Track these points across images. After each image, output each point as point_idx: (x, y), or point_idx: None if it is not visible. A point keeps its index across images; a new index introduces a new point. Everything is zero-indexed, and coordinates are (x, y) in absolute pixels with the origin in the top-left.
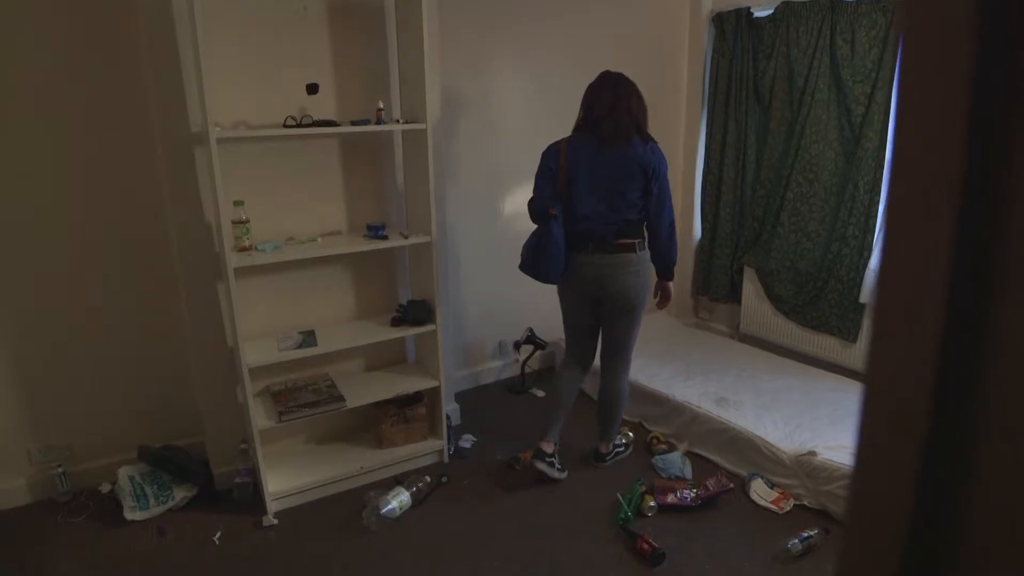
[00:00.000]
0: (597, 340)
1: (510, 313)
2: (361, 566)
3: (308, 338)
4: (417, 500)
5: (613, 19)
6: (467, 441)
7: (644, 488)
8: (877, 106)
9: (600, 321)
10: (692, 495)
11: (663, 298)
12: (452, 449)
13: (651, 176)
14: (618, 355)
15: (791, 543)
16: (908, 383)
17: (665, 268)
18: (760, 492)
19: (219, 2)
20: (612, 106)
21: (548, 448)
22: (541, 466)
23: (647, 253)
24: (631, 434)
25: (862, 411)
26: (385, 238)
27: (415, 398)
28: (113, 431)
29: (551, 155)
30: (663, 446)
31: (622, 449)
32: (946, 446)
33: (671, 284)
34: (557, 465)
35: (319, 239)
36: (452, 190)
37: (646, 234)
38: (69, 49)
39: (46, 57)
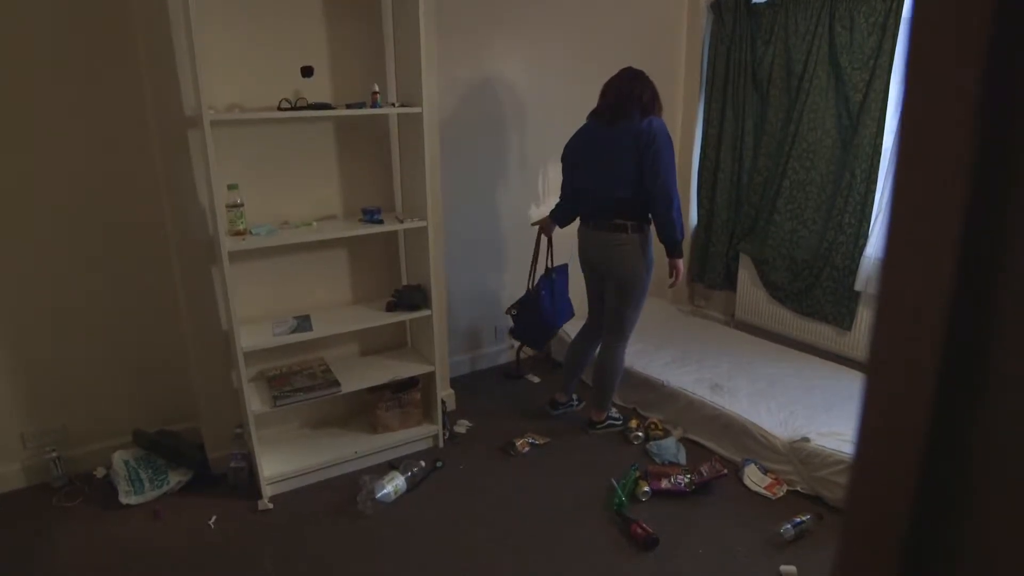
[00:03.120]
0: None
1: (506, 299)
2: (356, 550)
3: (303, 323)
4: (412, 485)
5: (612, 4)
6: (462, 426)
7: (638, 474)
8: (875, 94)
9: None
10: (686, 481)
11: (674, 276)
12: (447, 434)
13: (643, 147)
14: (612, 328)
15: (784, 528)
16: (912, 367)
17: (667, 244)
18: (754, 478)
19: None
20: (618, 89)
21: (560, 398)
22: (554, 412)
23: (645, 235)
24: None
25: (864, 397)
26: (381, 223)
27: (410, 383)
28: (108, 415)
29: (565, 149)
30: (659, 432)
31: (618, 422)
32: (950, 434)
33: (679, 261)
34: (573, 403)
35: (314, 223)
36: (449, 174)
37: (649, 216)
38: (62, 32)
39: (39, 41)
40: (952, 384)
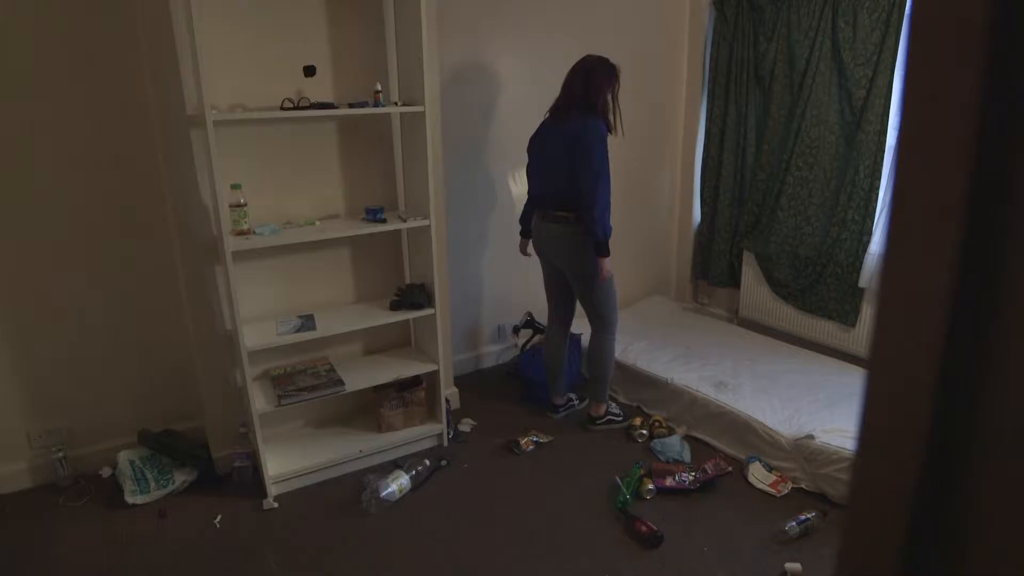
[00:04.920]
0: (569, 300)
1: (509, 297)
2: (360, 549)
3: (307, 322)
4: (416, 483)
5: (614, 1)
6: (466, 425)
7: (643, 471)
8: (878, 90)
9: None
10: (690, 478)
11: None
12: (451, 433)
13: (571, 143)
14: (592, 320)
15: (789, 526)
16: (913, 364)
17: (593, 243)
18: (758, 475)
19: None
20: (567, 84)
21: (558, 400)
22: (556, 416)
23: (585, 225)
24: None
25: (865, 394)
26: (384, 221)
27: (414, 382)
28: (113, 415)
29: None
30: (663, 430)
31: (619, 418)
32: (951, 431)
33: (605, 261)
34: (573, 402)
35: (317, 223)
36: (451, 173)
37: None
38: (66, 32)
39: (40, 41)
40: (953, 382)
